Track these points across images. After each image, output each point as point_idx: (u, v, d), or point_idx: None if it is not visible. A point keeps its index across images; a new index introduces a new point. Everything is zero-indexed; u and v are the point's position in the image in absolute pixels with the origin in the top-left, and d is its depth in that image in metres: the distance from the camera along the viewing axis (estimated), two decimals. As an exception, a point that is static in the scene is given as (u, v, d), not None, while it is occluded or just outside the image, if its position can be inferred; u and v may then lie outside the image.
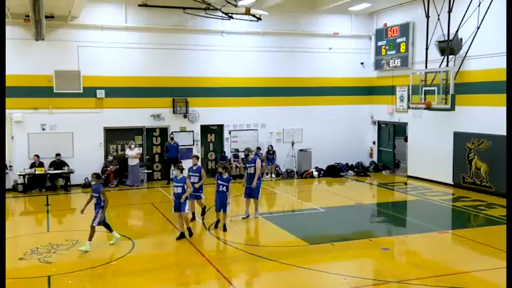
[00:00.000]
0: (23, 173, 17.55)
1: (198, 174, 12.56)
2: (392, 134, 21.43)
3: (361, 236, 11.73)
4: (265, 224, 12.96)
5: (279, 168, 20.97)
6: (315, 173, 20.81)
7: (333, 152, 21.29)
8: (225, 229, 11.89)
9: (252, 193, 13.22)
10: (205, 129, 20.55)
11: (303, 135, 21.48)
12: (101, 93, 18.50)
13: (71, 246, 10.85)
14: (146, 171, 19.68)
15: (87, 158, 18.35)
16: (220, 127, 20.75)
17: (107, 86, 18.56)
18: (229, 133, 20.74)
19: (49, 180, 18.03)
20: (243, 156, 20.62)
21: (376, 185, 19.29)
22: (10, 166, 17.70)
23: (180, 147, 19.43)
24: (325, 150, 21.14)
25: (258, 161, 13.23)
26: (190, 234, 11.41)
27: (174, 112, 19.60)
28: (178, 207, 11.27)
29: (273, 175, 20.61)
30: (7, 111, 17.41)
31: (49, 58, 17.82)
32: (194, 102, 19.77)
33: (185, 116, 19.82)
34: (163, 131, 19.92)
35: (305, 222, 13.63)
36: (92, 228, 10.60)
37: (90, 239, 10.53)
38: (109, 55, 18.57)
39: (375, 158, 22.23)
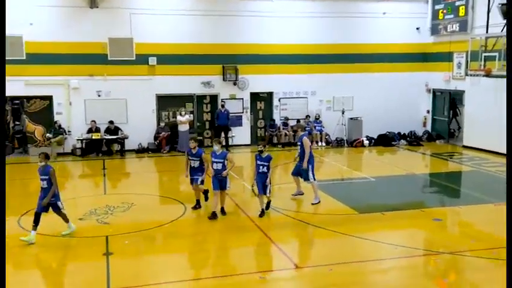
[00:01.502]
0: (81, 138, 18.28)
1: (198, 159, 10.93)
2: (448, 102, 20.67)
3: (412, 206, 11.53)
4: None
5: (329, 136, 20.77)
6: (366, 142, 20.48)
7: (385, 121, 20.80)
8: (262, 214, 10.56)
9: (299, 172, 11.92)
10: (255, 97, 20.54)
11: (354, 104, 21.08)
12: (152, 61, 18.79)
13: (126, 208, 11.27)
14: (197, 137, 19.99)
15: (140, 124, 18.85)
16: (270, 95, 20.69)
17: (158, 54, 18.81)
18: (279, 101, 20.66)
19: (105, 145, 18.70)
20: (294, 123, 20.62)
21: (429, 154, 18.79)
22: (69, 131, 18.47)
23: (230, 114, 19.58)
24: (377, 119, 20.68)
25: (305, 138, 11.68)
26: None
27: (223, 79, 19.68)
28: (219, 185, 10.47)
29: (323, 143, 20.46)
30: (65, 78, 18.13)
31: (103, 25, 18.17)
32: (244, 70, 19.74)
33: (235, 84, 19.86)
34: (214, 98, 20.08)
35: (354, 191, 13.53)
36: (36, 215, 9.21)
37: (34, 225, 9.15)
38: (161, 22, 18.72)
39: (428, 127, 21.59)
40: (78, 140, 18.33)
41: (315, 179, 11.73)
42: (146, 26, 18.59)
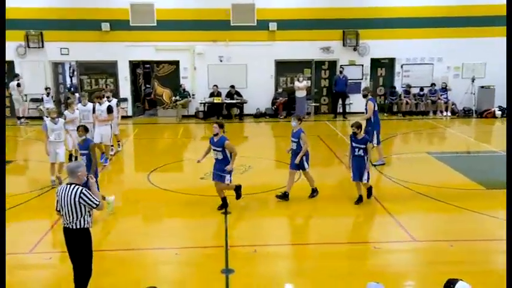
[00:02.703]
0: (203, 102, 19.19)
1: (220, 149, 8.73)
2: None
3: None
4: (435, 164, 12.29)
5: (455, 106, 19.43)
6: (498, 113, 18.82)
7: (521, 90, 18.88)
8: (358, 201, 9.30)
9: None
10: (376, 63, 19.81)
11: (486, 71, 19.39)
12: (273, 26, 18.89)
13: (243, 171, 11.67)
14: (313, 104, 19.93)
15: (258, 90, 19.23)
16: (392, 61, 19.79)
17: (278, 19, 18.85)
18: (401, 67, 19.70)
19: (225, 109, 19.43)
20: (416, 91, 19.62)
21: None
22: (193, 95, 19.48)
23: (349, 81, 19.14)
24: (512, 88, 18.81)
25: (370, 102, 11.66)
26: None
27: (343, 45, 19.20)
28: (296, 166, 9.43)
29: (448, 113, 19.23)
30: (191, 43, 18.99)
31: (227, -9, 18.61)
32: (365, 35, 19.05)
33: (355, 49, 19.29)
34: (332, 64, 19.74)
35: (481, 165, 12.58)
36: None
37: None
38: (282, -13, 18.69)
39: None
40: (201, 103, 19.28)
41: (379, 143, 11.74)
42: (268, -9, 18.68)
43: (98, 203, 5.50)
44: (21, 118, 18.64)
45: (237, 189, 9.28)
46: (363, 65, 19.58)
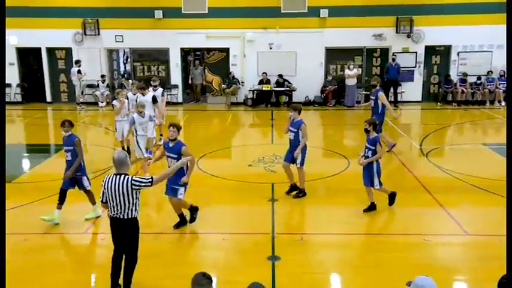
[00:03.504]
0: (252, 89, 19.24)
1: (176, 156, 7.38)
2: None
3: None
4: (491, 155, 11.83)
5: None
6: (561, 104, 17.84)
7: None
8: (369, 209, 8.36)
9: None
10: (430, 50, 19.17)
11: (550, 59, 18.36)
12: (324, 13, 18.63)
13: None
14: (364, 92, 19.57)
15: (308, 77, 19.07)
16: (447, 48, 19.09)
17: (330, 5, 18.56)
18: (457, 55, 18.98)
19: (274, 96, 19.42)
20: (473, 80, 18.86)
21: None
22: (242, 82, 19.56)
23: (402, 69, 18.65)
24: None
25: (382, 93, 11.61)
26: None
27: (397, 32, 18.69)
28: (292, 159, 8.76)
29: (502, 103, 18.41)
30: (241, 30, 19.02)
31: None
32: (420, 21, 18.45)
33: (409, 36, 18.74)
34: (384, 51, 19.27)
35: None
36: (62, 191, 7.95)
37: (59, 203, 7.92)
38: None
39: None
40: (250, 90, 19.34)
41: (381, 131, 11.01)
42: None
43: (149, 179, 5.56)
44: (80, 104, 19.35)
45: (192, 210, 7.80)
46: (416, 53, 18.99)
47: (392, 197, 8.51)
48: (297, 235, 7.58)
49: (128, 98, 11.96)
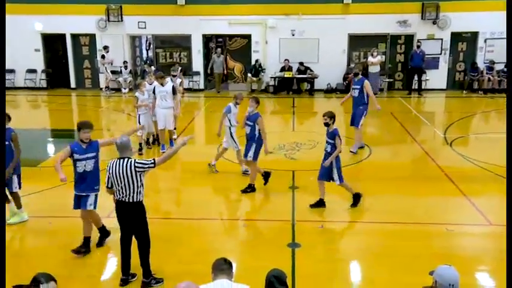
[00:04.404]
0: (274, 76, 19.15)
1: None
2: None
3: None
4: (518, 145, 11.55)
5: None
6: None
7: None
8: (316, 205, 8.00)
9: (353, 117, 11.23)
10: (456, 37, 18.76)
11: None
12: (347, -2, 18.38)
13: (312, 146, 11.61)
14: (387, 79, 19.31)
15: (330, 64, 18.88)
16: (475, 34, 18.66)
17: (354, -9, 18.30)
18: (485, 42, 18.53)
19: (296, 84, 19.29)
20: (500, 68, 18.41)
21: None
22: (263, 69, 19.47)
23: (426, 56, 18.31)
24: None
25: (367, 82, 11.13)
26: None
27: (422, 18, 18.32)
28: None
29: (534, 92, 17.95)
30: (263, 17, 18.89)
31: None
32: (446, 7, 18.04)
33: (434, 22, 18.35)
34: (409, 38, 18.94)
35: None
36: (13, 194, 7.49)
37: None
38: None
39: None
40: (271, 77, 19.25)
41: (359, 125, 10.96)
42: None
43: (152, 160, 5.68)
44: (105, 88, 19.59)
45: (102, 231, 6.88)
46: (442, 39, 18.61)
47: (356, 199, 8.01)
48: (317, 222, 7.56)
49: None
